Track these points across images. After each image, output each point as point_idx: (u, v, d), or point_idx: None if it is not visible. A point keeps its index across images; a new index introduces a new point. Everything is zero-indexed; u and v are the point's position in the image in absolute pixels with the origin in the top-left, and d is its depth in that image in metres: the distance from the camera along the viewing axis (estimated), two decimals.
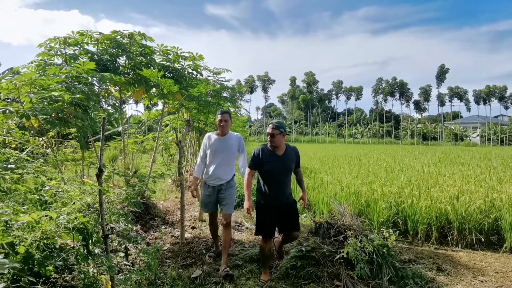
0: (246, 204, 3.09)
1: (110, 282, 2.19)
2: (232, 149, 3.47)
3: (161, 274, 2.99)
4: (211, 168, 3.43)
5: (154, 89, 4.36)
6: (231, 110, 8.39)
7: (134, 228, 4.00)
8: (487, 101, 46.81)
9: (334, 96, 52.57)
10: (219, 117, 3.44)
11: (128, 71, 4.08)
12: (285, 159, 3.08)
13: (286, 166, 3.08)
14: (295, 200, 3.25)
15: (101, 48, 3.97)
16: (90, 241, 1.97)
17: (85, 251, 1.97)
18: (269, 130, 3.08)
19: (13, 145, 4.05)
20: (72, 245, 2.13)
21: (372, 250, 3.05)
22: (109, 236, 2.50)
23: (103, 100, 4.47)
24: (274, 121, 3.11)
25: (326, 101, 55.11)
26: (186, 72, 4.52)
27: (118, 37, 3.96)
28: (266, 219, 3.09)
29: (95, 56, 3.82)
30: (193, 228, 4.54)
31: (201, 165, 3.57)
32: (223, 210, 3.41)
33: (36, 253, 1.72)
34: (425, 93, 48.61)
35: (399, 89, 49.26)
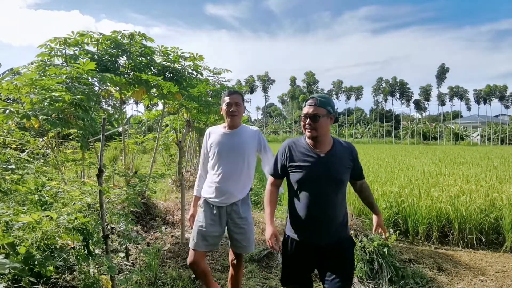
0: (268, 231, 1.85)
1: (110, 282, 2.19)
2: (247, 148, 2.28)
3: (162, 274, 2.99)
4: (216, 178, 2.26)
5: (154, 90, 4.37)
6: None
7: (135, 228, 4.00)
8: (487, 101, 46.77)
9: (334, 96, 52.50)
10: (226, 99, 2.26)
11: (129, 71, 4.08)
12: (330, 162, 1.81)
13: (332, 173, 1.79)
14: (351, 237, 1.96)
15: (101, 49, 3.97)
16: (90, 241, 1.97)
17: (86, 251, 1.97)
18: (307, 108, 1.82)
19: (14, 146, 4.06)
20: (72, 246, 2.13)
21: (373, 250, 3.06)
22: (110, 236, 2.51)
23: (104, 100, 4.47)
24: (316, 94, 1.89)
25: None
26: (186, 73, 4.53)
27: (119, 37, 3.97)
28: (294, 264, 1.93)
29: (96, 57, 3.83)
30: None
31: (203, 178, 2.42)
32: (239, 249, 2.30)
33: (37, 253, 1.72)
34: (426, 93, 48.59)
35: (399, 89, 49.24)
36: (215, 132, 2.37)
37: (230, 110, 2.25)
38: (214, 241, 2.27)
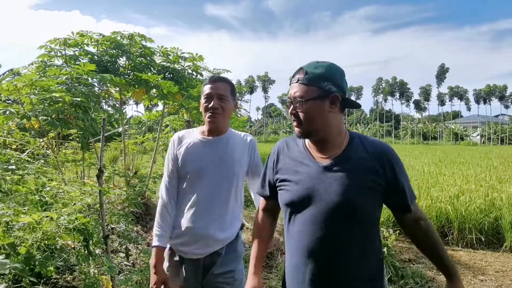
0: (249, 283, 1.18)
1: (111, 283, 2.19)
2: (238, 165, 1.52)
3: None
4: (188, 214, 1.47)
5: (154, 90, 4.38)
6: None
7: (135, 228, 4.01)
8: (487, 101, 46.89)
9: None
10: (206, 90, 1.49)
11: (128, 72, 4.09)
12: (336, 176, 1.04)
13: (337, 195, 1.02)
14: None
15: (101, 49, 3.98)
16: (90, 241, 1.98)
17: (86, 251, 1.97)
18: (292, 89, 1.09)
19: (14, 146, 4.06)
20: (73, 246, 2.14)
21: None
22: (110, 236, 2.51)
23: (104, 101, 4.48)
24: (307, 64, 1.09)
25: None
26: (186, 73, 4.54)
27: (118, 38, 3.97)
28: None
29: (95, 57, 3.83)
30: None
31: (166, 214, 1.50)
32: None
33: (37, 253, 1.73)
34: (425, 93, 48.69)
35: (399, 89, 49.33)
36: (189, 139, 1.52)
37: (210, 106, 1.45)
38: None
